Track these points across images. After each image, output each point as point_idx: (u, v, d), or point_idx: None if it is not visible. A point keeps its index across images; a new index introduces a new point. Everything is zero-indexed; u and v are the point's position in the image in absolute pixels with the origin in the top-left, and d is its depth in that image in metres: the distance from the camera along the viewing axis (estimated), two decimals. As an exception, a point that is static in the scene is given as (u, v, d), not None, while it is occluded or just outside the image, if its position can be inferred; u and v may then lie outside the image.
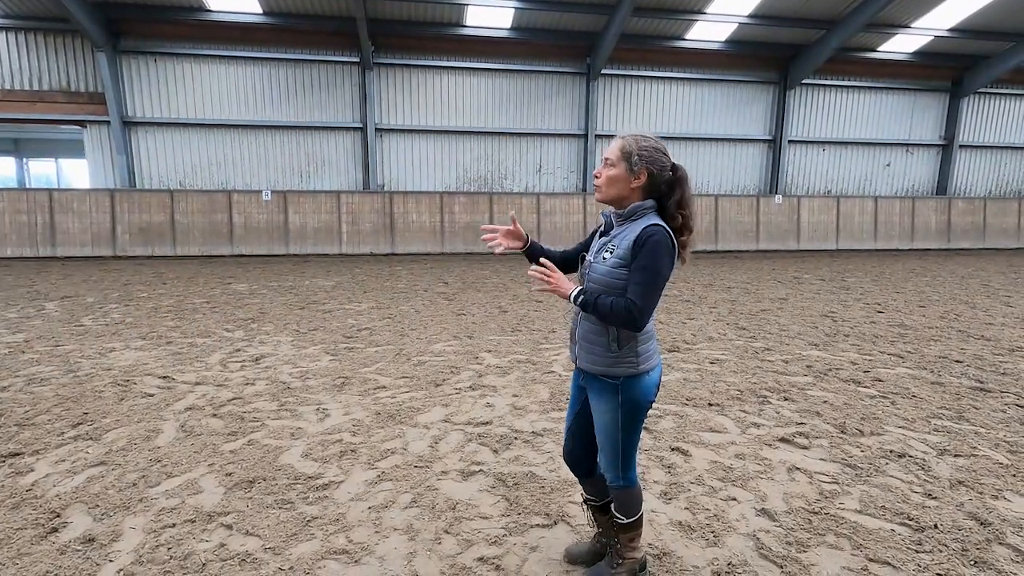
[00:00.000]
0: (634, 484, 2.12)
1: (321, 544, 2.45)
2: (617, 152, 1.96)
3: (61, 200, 13.38)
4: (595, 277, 1.97)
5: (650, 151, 1.94)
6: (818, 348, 5.69)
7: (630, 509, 2.14)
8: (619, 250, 1.91)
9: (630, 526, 2.15)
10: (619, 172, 1.95)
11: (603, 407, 2.01)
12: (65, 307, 7.57)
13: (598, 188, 2.01)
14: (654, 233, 1.86)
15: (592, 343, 1.99)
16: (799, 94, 16.98)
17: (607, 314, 1.87)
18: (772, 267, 12.73)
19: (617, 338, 1.94)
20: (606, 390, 1.99)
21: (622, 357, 1.95)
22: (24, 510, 2.69)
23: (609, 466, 2.09)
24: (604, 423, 2.03)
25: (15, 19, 13.12)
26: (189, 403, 4.10)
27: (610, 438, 2.04)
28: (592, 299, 1.89)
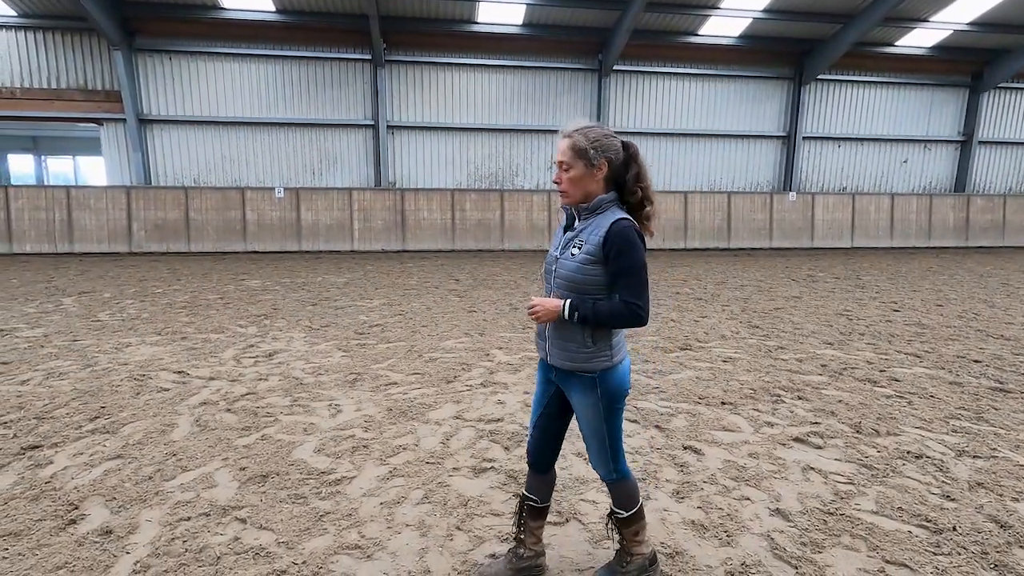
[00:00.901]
0: (628, 476, 2.13)
1: (334, 539, 2.47)
2: (570, 152, 1.92)
3: (78, 197, 13.57)
4: (562, 273, 1.95)
5: (601, 139, 1.92)
6: (833, 347, 5.62)
7: (628, 501, 2.14)
8: (588, 245, 1.90)
9: (632, 519, 2.14)
10: (579, 171, 1.92)
11: (584, 402, 2.01)
12: (82, 302, 7.68)
13: (564, 194, 1.97)
14: (623, 228, 1.86)
15: (566, 340, 1.97)
16: (814, 90, 16.76)
17: (612, 320, 1.87)
18: (786, 265, 12.60)
19: (592, 334, 1.93)
20: (584, 385, 1.99)
21: (597, 352, 1.95)
22: (43, 502, 2.73)
23: (600, 462, 2.09)
24: (588, 418, 2.03)
25: (33, 18, 13.30)
26: (203, 398, 4.14)
27: (596, 432, 2.04)
28: (589, 309, 1.87)
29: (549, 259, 2.06)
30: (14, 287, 8.85)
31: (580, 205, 1.97)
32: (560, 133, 1.98)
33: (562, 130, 1.98)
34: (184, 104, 14.30)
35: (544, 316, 1.92)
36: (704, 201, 16.05)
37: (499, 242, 15.10)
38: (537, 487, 2.24)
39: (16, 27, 13.38)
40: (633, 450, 3.32)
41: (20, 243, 13.27)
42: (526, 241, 15.24)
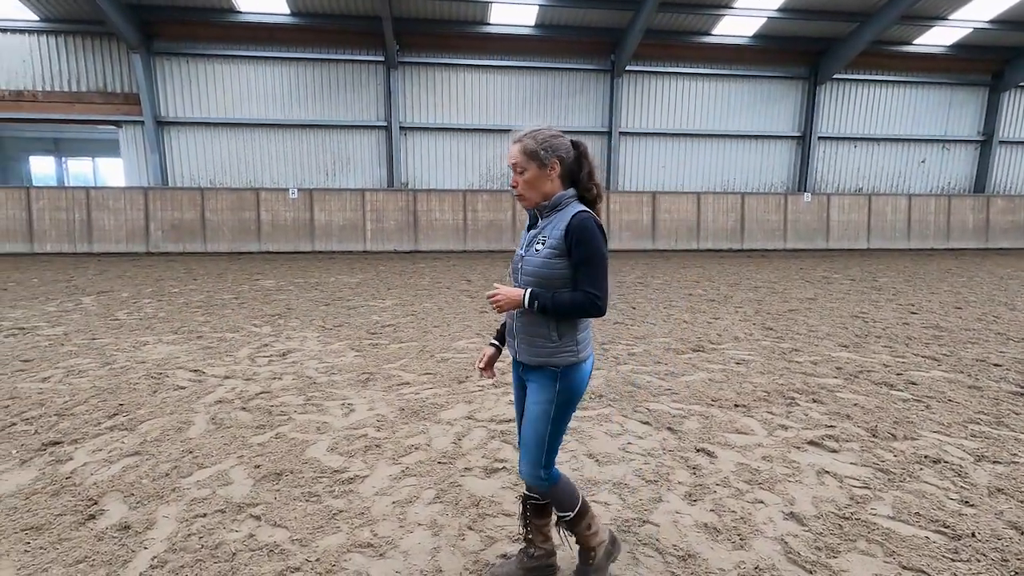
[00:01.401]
0: (558, 479, 2.11)
1: (347, 537, 2.49)
2: (521, 156, 1.95)
3: (98, 198, 13.81)
4: (529, 270, 1.96)
5: (550, 139, 1.96)
6: (848, 349, 5.55)
7: (570, 501, 2.11)
8: (551, 240, 1.92)
9: (579, 516, 2.12)
10: (533, 173, 1.95)
11: (540, 397, 2.00)
12: (101, 301, 7.81)
13: (521, 197, 2.00)
14: (583, 220, 1.89)
15: (533, 335, 1.98)
16: (829, 89, 16.58)
17: (570, 309, 1.89)
18: (800, 266, 12.47)
19: (557, 328, 1.95)
20: (546, 379, 1.99)
21: (562, 346, 1.96)
22: (63, 497, 2.79)
23: (532, 464, 2.04)
24: (536, 414, 2.00)
25: (55, 23, 13.57)
26: (219, 396, 4.20)
27: (538, 433, 2.01)
28: (549, 299, 1.89)
29: (515, 258, 2.07)
30: (35, 286, 9.02)
31: (542, 204, 1.99)
32: (510, 138, 2.01)
33: (512, 135, 2.01)
34: (200, 106, 14.50)
35: (505, 304, 1.92)
36: (717, 202, 15.94)
37: (511, 243, 15.12)
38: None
39: (38, 31, 13.66)
40: (645, 452, 3.31)
41: (41, 243, 13.54)
42: (538, 242, 15.21)
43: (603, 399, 4.16)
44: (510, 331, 2.09)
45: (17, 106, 13.90)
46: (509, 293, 1.94)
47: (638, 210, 15.64)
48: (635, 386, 4.44)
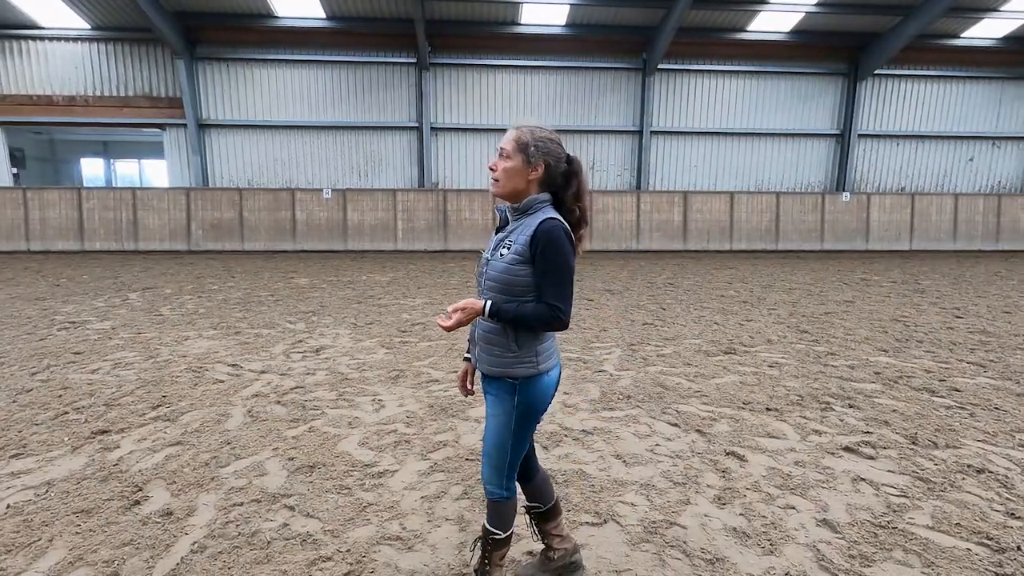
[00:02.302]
0: (514, 495, 2.04)
1: (376, 529, 2.55)
2: (513, 143, 1.88)
3: (143, 198, 14.39)
4: (493, 275, 1.88)
5: (546, 142, 1.89)
6: (888, 354, 5.38)
7: (504, 523, 2.02)
8: (516, 245, 1.84)
9: (502, 542, 2.04)
10: (516, 164, 1.87)
11: (498, 409, 1.93)
12: (146, 297, 8.15)
13: (495, 182, 1.91)
14: (551, 228, 1.80)
15: (492, 344, 1.90)
16: (870, 85, 16.04)
17: (532, 322, 1.80)
18: (838, 268, 12.11)
19: (516, 338, 1.86)
20: (504, 391, 1.91)
21: (521, 357, 1.87)
22: (111, 483, 2.93)
23: (493, 475, 1.98)
24: (496, 426, 1.94)
25: (105, 31, 14.19)
26: (255, 390, 4.33)
27: (499, 444, 1.94)
28: (511, 310, 1.80)
29: (481, 261, 1.99)
30: (86, 283, 9.46)
31: (512, 206, 1.93)
32: (511, 124, 1.95)
33: (514, 123, 1.95)
34: (239, 109, 14.95)
35: (464, 319, 1.82)
36: (751, 202, 15.60)
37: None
38: (534, 494, 2.17)
39: (90, 39, 14.31)
40: (673, 454, 3.28)
41: (91, 241, 14.18)
42: (567, 242, 15.17)
43: (631, 400, 4.14)
44: (472, 339, 2.02)
45: (70, 110, 14.60)
46: (468, 305, 1.82)
47: (669, 210, 15.45)
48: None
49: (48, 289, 8.77)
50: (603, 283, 9.82)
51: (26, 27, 14.02)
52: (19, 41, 14.24)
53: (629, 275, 10.82)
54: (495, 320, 1.83)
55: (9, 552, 2.35)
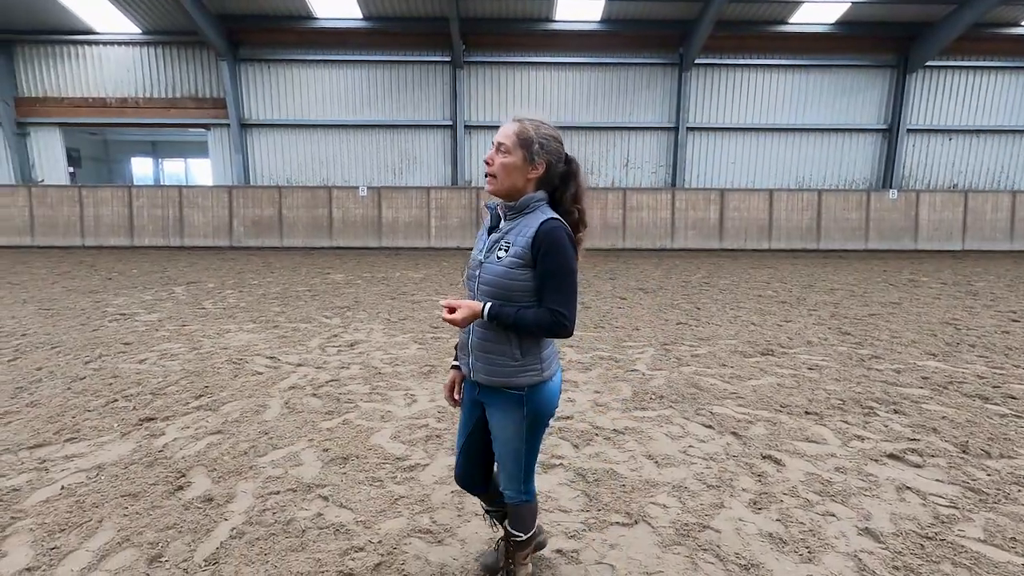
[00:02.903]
0: (533, 498, 2.01)
1: (407, 522, 2.58)
2: (513, 138, 1.76)
3: (189, 196, 14.93)
4: (489, 279, 1.77)
5: (550, 140, 1.79)
6: (937, 358, 5.14)
7: (528, 524, 2.02)
8: (516, 248, 1.74)
9: (528, 541, 2.03)
10: (516, 160, 1.76)
11: (506, 421, 1.85)
12: (190, 291, 8.45)
13: (492, 178, 1.78)
14: (553, 229, 1.71)
15: (491, 353, 1.79)
16: (921, 78, 15.34)
17: (533, 328, 1.72)
18: (883, 268, 11.64)
19: (520, 345, 1.77)
20: (510, 402, 1.83)
21: (526, 365, 1.79)
22: (157, 468, 3.05)
23: (511, 482, 1.95)
24: (507, 438, 1.87)
25: (154, 35, 14.76)
26: (292, 382, 4.44)
27: (513, 453, 1.89)
28: (511, 314, 1.71)
29: (472, 263, 1.87)
30: (135, 277, 9.88)
31: (507, 204, 1.82)
32: (510, 117, 1.84)
33: (514, 115, 1.84)
34: (279, 109, 15.34)
35: (462, 320, 1.72)
36: (791, 199, 15.14)
37: (572, 241, 15.01)
38: (490, 502, 2.15)
39: (140, 43, 14.91)
40: (707, 456, 3.22)
41: (140, 237, 14.80)
42: (599, 240, 15.05)
43: (664, 400, 4.08)
44: (463, 347, 1.90)
45: (122, 112, 15.25)
46: (468, 307, 1.73)
47: (705, 208, 15.13)
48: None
49: (101, 283, 9.19)
50: (636, 281, 9.70)
51: (83, 33, 14.71)
52: (76, 46, 14.96)
53: (663, 274, 10.65)
54: (494, 323, 1.73)
55: (63, 531, 2.48)
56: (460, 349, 1.93)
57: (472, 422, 2.00)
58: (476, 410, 1.98)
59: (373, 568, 2.25)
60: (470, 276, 1.86)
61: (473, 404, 1.98)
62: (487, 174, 1.80)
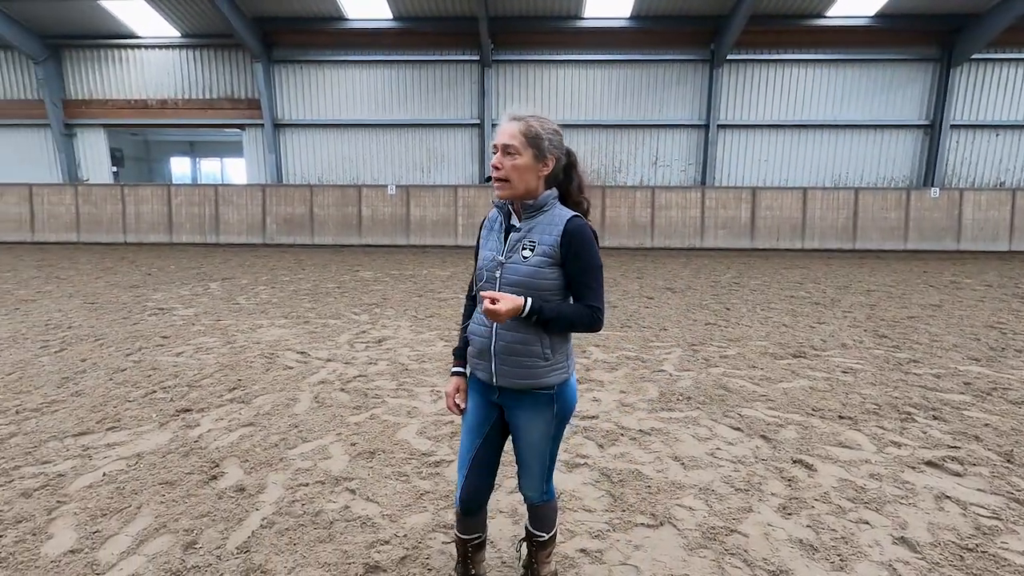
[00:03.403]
0: (554, 497, 2.02)
1: (432, 517, 2.60)
2: (521, 138, 1.71)
3: (224, 194, 15.34)
4: (515, 279, 1.73)
5: (555, 135, 1.77)
6: (980, 363, 4.94)
7: (550, 524, 2.01)
8: (543, 247, 1.72)
9: (551, 540, 2.03)
10: (527, 160, 1.72)
11: (536, 422, 1.82)
12: (225, 287, 8.69)
13: (505, 183, 1.73)
14: (581, 227, 1.72)
15: (521, 355, 1.75)
16: (966, 71, 14.71)
17: (573, 323, 1.72)
18: (923, 269, 11.23)
19: (550, 344, 1.76)
20: (540, 403, 1.80)
21: (555, 364, 1.78)
22: (192, 458, 3.15)
23: (535, 483, 1.92)
24: (535, 440, 1.85)
25: (193, 38, 15.21)
26: (321, 377, 4.53)
27: (540, 455, 1.88)
28: (552, 310, 1.69)
29: (489, 264, 1.80)
30: (172, 272, 10.21)
31: (525, 202, 1.77)
32: (506, 115, 1.78)
33: (509, 113, 1.78)
34: (311, 109, 15.63)
35: (505, 311, 1.64)
36: (826, 198, 14.72)
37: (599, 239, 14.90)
38: (475, 526, 1.99)
39: (180, 46, 15.39)
40: (735, 459, 3.16)
41: (178, 234, 15.28)
42: (626, 239, 14.92)
43: (691, 401, 4.02)
44: (481, 353, 1.82)
45: (162, 113, 15.77)
46: (510, 299, 1.66)
47: (736, 207, 14.83)
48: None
49: (141, 278, 9.53)
50: (664, 281, 9.58)
51: (126, 37, 15.25)
52: (120, 50, 15.52)
53: (692, 273, 10.49)
54: (532, 319, 1.70)
55: (104, 515, 2.58)
56: (476, 356, 1.85)
57: (486, 429, 1.91)
58: (492, 413, 1.90)
59: (399, 561, 2.28)
60: (488, 278, 1.80)
61: (489, 407, 1.90)
62: (496, 179, 1.75)
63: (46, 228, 15.31)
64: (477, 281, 1.85)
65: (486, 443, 1.92)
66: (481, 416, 1.91)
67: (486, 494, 1.96)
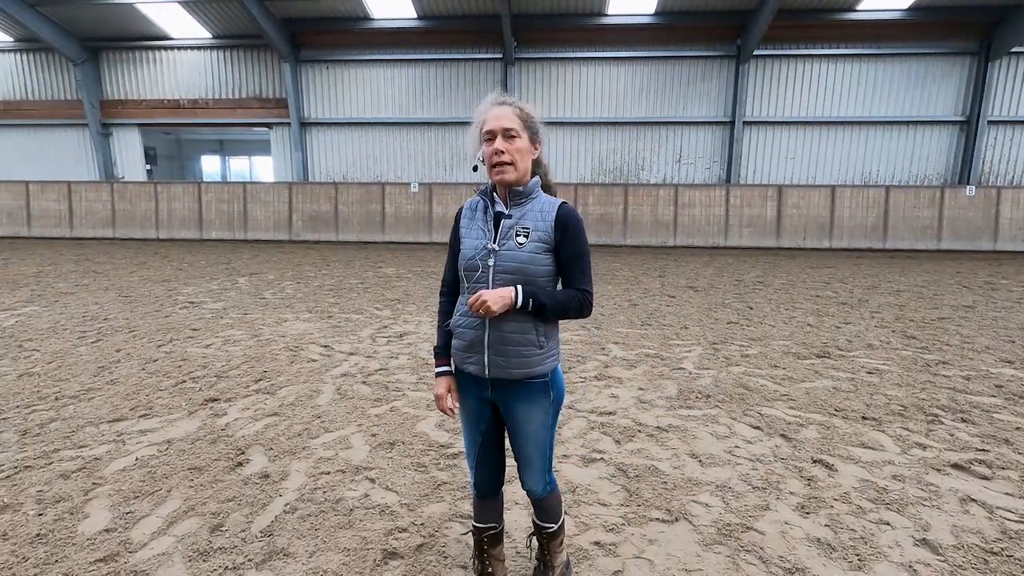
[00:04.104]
0: (556, 486, 2.02)
1: (449, 507, 2.65)
2: (518, 121, 1.72)
3: (252, 191, 15.69)
4: (511, 265, 1.71)
5: (536, 117, 1.80)
6: (1013, 366, 4.79)
7: (557, 513, 2.02)
8: (538, 232, 1.72)
9: (560, 530, 2.04)
10: (525, 144, 1.74)
11: (533, 412, 1.81)
12: (252, 282, 8.91)
13: (509, 167, 1.71)
14: (573, 212, 1.77)
15: (517, 345, 1.73)
16: (1006, 64, 14.20)
17: (567, 309, 1.73)
18: (957, 270, 10.90)
19: (544, 331, 1.76)
20: (535, 391, 1.79)
21: (548, 351, 1.79)
22: (219, 445, 3.26)
23: (538, 475, 1.91)
24: (533, 430, 1.83)
25: (223, 39, 15.58)
26: (344, 370, 4.63)
27: (540, 445, 1.86)
28: (546, 297, 1.70)
29: (480, 252, 1.75)
30: (202, 267, 10.50)
31: (515, 188, 1.77)
32: (491, 100, 1.77)
33: (493, 99, 1.77)
34: (337, 108, 15.88)
35: (497, 307, 1.63)
36: (855, 196, 14.39)
37: (621, 237, 14.84)
38: (491, 514, 2.01)
39: (210, 47, 15.78)
40: (754, 457, 3.14)
41: (208, 230, 15.68)
42: (649, 237, 14.81)
43: (710, 399, 4.00)
44: (471, 346, 1.78)
45: (193, 113, 16.20)
46: (495, 295, 1.65)
47: (761, 204, 14.59)
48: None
49: (173, 272, 9.82)
50: (686, 280, 9.49)
51: (159, 38, 15.70)
52: (154, 51, 15.99)
53: (715, 272, 10.37)
54: (529, 307, 1.68)
55: (137, 498, 2.70)
56: (465, 349, 1.80)
57: (483, 424, 1.90)
58: (486, 409, 1.89)
59: (416, 548, 2.34)
60: (480, 267, 1.74)
61: (481, 406, 1.88)
62: (500, 163, 1.72)
63: (84, 224, 15.87)
64: (467, 271, 1.78)
65: (487, 439, 1.92)
66: (475, 415, 1.90)
67: (500, 477, 2.00)
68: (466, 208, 1.87)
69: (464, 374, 1.86)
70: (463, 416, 1.94)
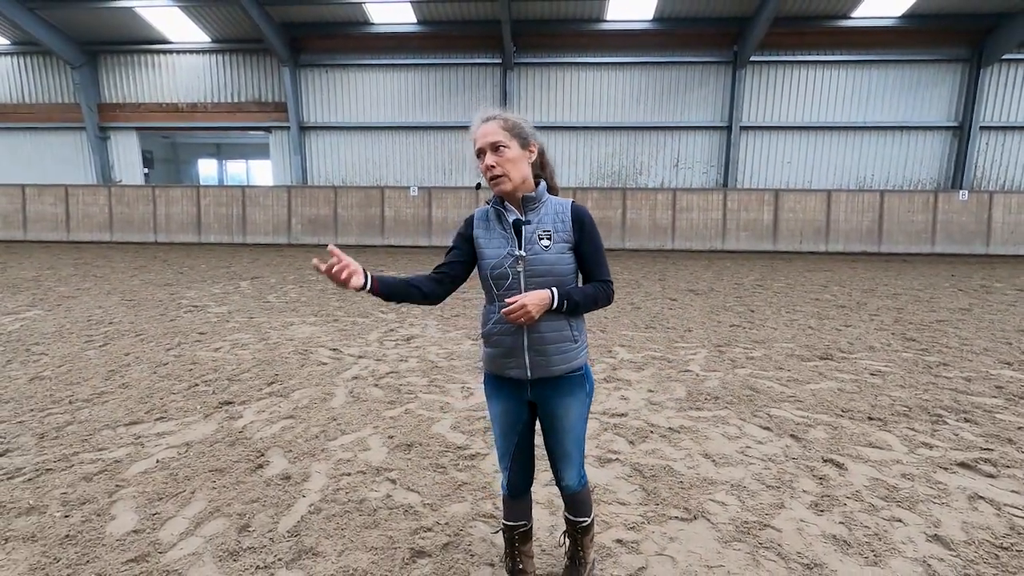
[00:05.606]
0: (587, 480, 2.10)
1: (471, 507, 2.70)
2: (503, 132, 1.77)
3: (251, 195, 15.69)
4: (542, 268, 1.78)
5: (527, 123, 1.85)
6: (1012, 367, 4.89)
7: (590, 507, 2.09)
8: (560, 233, 1.81)
9: (592, 524, 2.11)
10: (515, 152, 1.79)
11: (572, 405, 1.89)
12: (255, 286, 8.91)
13: (502, 178, 1.77)
14: (585, 209, 1.86)
15: (555, 343, 1.82)
16: (997, 71, 14.44)
17: (595, 301, 1.84)
18: (952, 273, 11.05)
19: (577, 326, 1.87)
20: (573, 384, 1.88)
21: (580, 344, 1.88)
22: (238, 448, 3.29)
23: (574, 469, 1.97)
24: (572, 424, 1.90)
25: (222, 43, 15.59)
26: (355, 373, 4.66)
27: (577, 438, 1.94)
28: (579, 293, 1.80)
29: (507, 260, 1.80)
30: (203, 271, 10.49)
31: (527, 195, 1.83)
32: (478, 119, 1.82)
33: (479, 116, 1.83)
34: (336, 112, 15.91)
35: (536, 310, 1.71)
36: (851, 200, 14.57)
37: (620, 241, 14.94)
38: (522, 512, 2.06)
39: (209, 51, 15.78)
40: (766, 457, 3.20)
41: (207, 234, 15.66)
42: (647, 240, 14.92)
43: (719, 401, 4.06)
44: (509, 352, 1.84)
45: (192, 116, 16.19)
46: (533, 298, 1.72)
47: (758, 209, 14.74)
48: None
49: (174, 276, 9.81)
50: (686, 283, 9.58)
51: (158, 42, 15.69)
52: (153, 55, 15.98)
53: (714, 275, 10.47)
54: (564, 306, 1.77)
55: (161, 499, 2.73)
56: (505, 356, 1.85)
57: (520, 426, 1.95)
58: (523, 411, 1.94)
59: (442, 547, 2.38)
60: (511, 275, 1.80)
61: (520, 405, 1.93)
62: (494, 177, 1.78)
63: (81, 227, 15.81)
64: (496, 279, 1.82)
65: (522, 439, 1.98)
66: (513, 417, 1.94)
67: (531, 479, 2.07)
68: (477, 218, 1.91)
69: (503, 379, 1.91)
70: (499, 420, 1.97)
